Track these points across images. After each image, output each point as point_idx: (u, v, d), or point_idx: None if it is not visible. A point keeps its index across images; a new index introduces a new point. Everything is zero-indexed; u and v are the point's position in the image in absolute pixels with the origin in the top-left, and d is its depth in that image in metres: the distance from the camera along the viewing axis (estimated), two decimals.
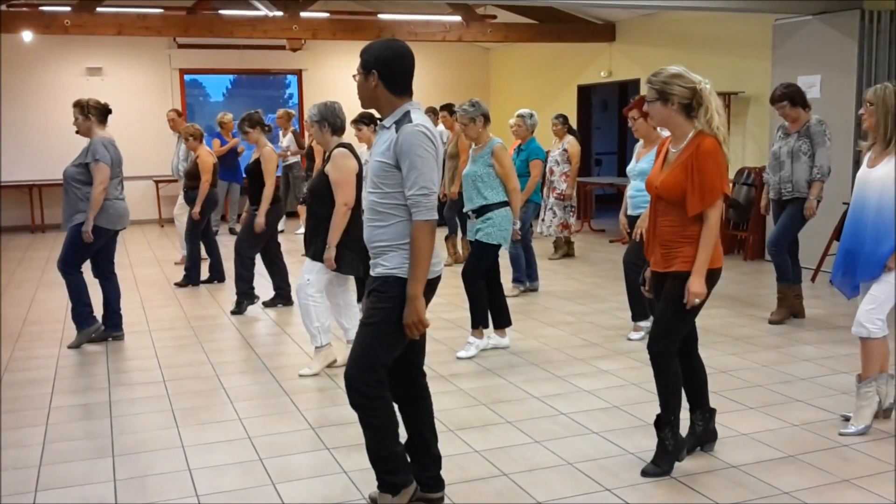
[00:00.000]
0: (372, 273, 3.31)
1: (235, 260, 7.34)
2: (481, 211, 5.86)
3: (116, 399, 5.11)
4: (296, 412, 4.81)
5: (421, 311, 3.16)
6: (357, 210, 5.26)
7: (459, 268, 6.32)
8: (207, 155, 8.79)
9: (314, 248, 5.40)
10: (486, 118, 5.97)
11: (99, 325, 6.38)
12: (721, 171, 3.66)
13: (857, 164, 8.43)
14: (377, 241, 3.25)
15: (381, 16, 12.32)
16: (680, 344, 3.91)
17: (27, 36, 11.87)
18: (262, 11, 11.53)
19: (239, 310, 7.33)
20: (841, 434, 4.31)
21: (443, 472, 3.55)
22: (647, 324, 6.23)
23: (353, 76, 3.32)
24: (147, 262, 10.18)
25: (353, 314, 5.66)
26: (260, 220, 7.10)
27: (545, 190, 9.82)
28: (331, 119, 5.43)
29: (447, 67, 15.64)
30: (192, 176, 8.71)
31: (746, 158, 10.21)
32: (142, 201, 13.86)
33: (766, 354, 5.86)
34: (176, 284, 8.64)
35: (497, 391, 5.16)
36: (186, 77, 14.74)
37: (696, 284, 3.66)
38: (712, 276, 3.75)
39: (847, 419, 4.44)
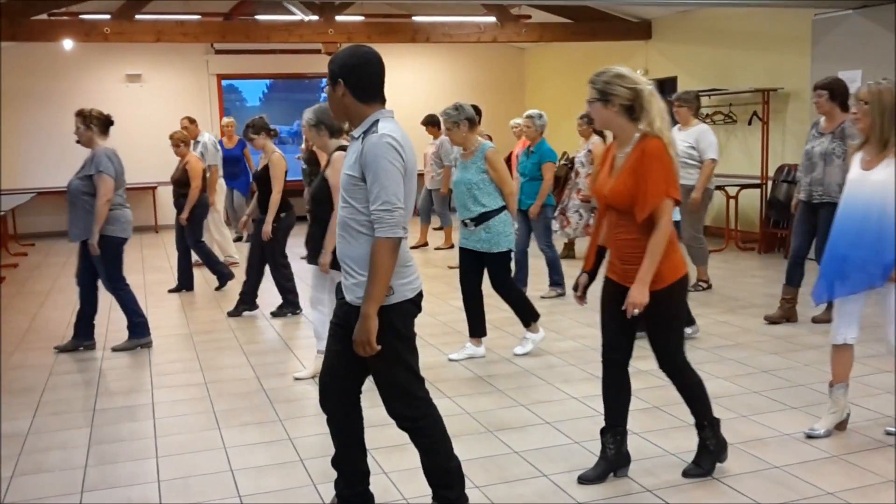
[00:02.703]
0: (346, 297, 3.17)
1: (271, 272, 7.34)
2: (480, 219, 5.69)
3: (159, 401, 5.18)
4: None
5: (372, 332, 2.99)
6: None
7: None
8: (196, 161, 8.78)
9: (317, 254, 5.33)
10: (472, 122, 5.76)
11: (150, 340, 6.45)
12: (666, 173, 3.50)
13: None
14: (346, 260, 3.13)
15: (415, 18, 12.36)
16: (617, 355, 3.83)
17: (68, 44, 12.08)
18: (298, 16, 11.63)
19: (281, 314, 7.40)
20: (888, 433, 4.24)
21: (483, 473, 3.54)
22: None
23: (324, 88, 3.23)
24: (168, 269, 10.28)
25: None
26: (266, 228, 6.98)
27: (567, 191, 9.74)
28: (328, 121, 5.29)
29: (482, 68, 15.63)
30: (181, 182, 8.64)
31: (786, 155, 10.07)
32: (168, 207, 13.97)
33: (807, 354, 5.78)
34: (216, 289, 8.72)
35: (535, 392, 5.15)
36: (224, 82, 14.91)
37: (638, 294, 3.51)
38: (680, 287, 3.63)
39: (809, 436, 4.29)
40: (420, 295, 3.22)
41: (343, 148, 5.30)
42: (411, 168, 3.08)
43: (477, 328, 5.99)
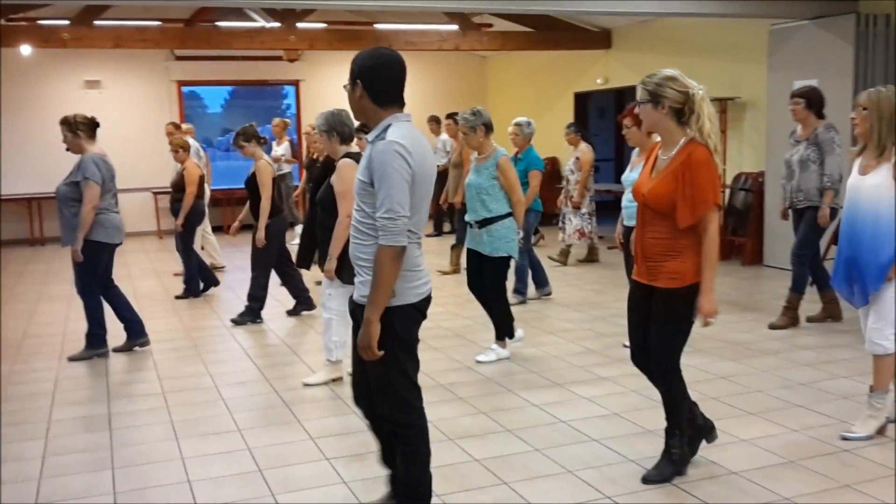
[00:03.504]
0: (354, 295, 3.23)
1: (251, 279, 7.35)
2: (485, 223, 5.82)
3: (116, 411, 5.10)
4: (296, 423, 4.81)
5: (373, 337, 3.01)
6: None
7: (460, 276, 6.32)
8: (194, 167, 8.77)
9: (324, 260, 5.37)
10: (488, 127, 5.92)
11: (107, 350, 6.37)
12: (713, 181, 3.57)
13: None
14: (357, 260, 3.15)
15: (377, 26, 12.35)
16: (646, 358, 3.85)
17: (26, 50, 11.90)
18: (259, 23, 11.57)
19: (241, 321, 7.34)
20: (843, 437, 4.30)
21: (443, 482, 3.54)
22: None
23: (344, 86, 3.22)
24: (146, 275, 10.18)
25: None
26: (259, 234, 7.07)
27: (562, 198, 9.93)
28: (339, 128, 5.35)
29: (444, 76, 15.66)
30: (179, 188, 8.68)
31: (744, 164, 10.22)
32: (140, 213, 13.88)
33: (765, 360, 5.85)
34: (176, 297, 8.63)
35: (496, 399, 5.15)
36: (184, 89, 14.76)
37: (706, 303, 3.60)
38: (698, 291, 3.68)
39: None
40: (425, 301, 3.21)
41: (350, 155, 5.33)
42: (422, 174, 3.05)
43: (504, 330, 6.08)
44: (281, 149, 12.12)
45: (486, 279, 5.93)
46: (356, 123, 5.55)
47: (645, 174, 3.79)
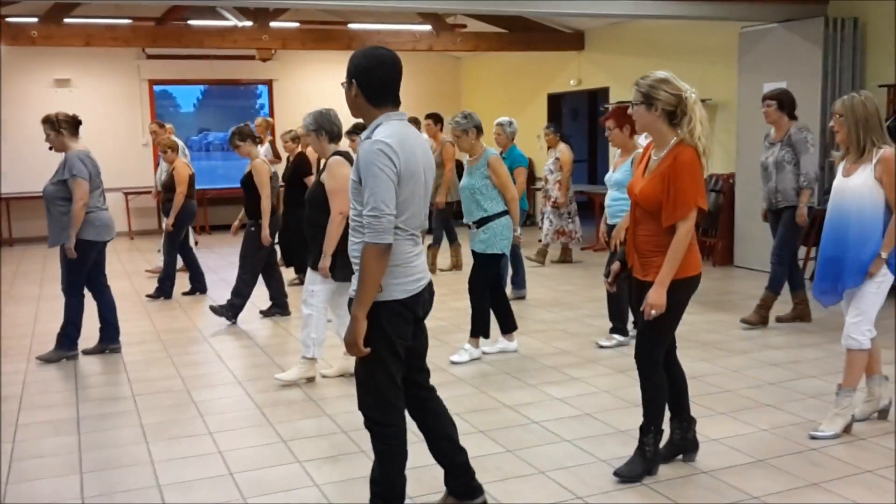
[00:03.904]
0: (350, 293, 3.23)
1: (238, 276, 7.32)
2: (481, 222, 5.90)
3: (85, 415, 5.04)
4: (267, 426, 4.78)
5: (359, 334, 3.04)
6: None
7: (435, 276, 6.32)
8: (183, 166, 8.72)
9: (315, 258, 5.36)
10: (479, 130, 6.03)
11: (77, 353, 6.31)
12: (696, 184, 3.63)
13: (823, 170, 8.57)
14: (353, 257, 3.18)
15: (350, 25, 12.32)
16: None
17: None
18: (232, 22, 11.50)
19: (219, 312, 7.30)
20: (812, 437, 4.35)
21: (416, 483, 3.53)
22: (621, 338, 6.28)
23: (341, 84, 3.25)
24: (117, 275, 10.05)
25: None
26: (265, 233, 7.07)
27: (542, 198, 10.01)
28: (327, 127, 5.35)
29: (418, 77, 15.62)
30: (169, 188, 8.65)
31: (714, 165, 10.30)
32: (111, 213, 13.69)
33: (735, 359, 5.91)
34: (147, 296, 8.57)
35: (469, 400, 5.16)
36: (156, 88, 14.64)
37: (654, 296, 3.64)
38: (691, 284, 3.75)
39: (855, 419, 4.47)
40: (415, 299, 3.20)
41: (340, 153, 5.33)
42: (410, 171, 3.07)
43: (507, 324, 6.19)
44: (262, 149, 12.00)
45: (471, 275, 6.00)
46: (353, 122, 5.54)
47: (638, 174, 3.88)
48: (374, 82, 3.14)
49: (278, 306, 7.63)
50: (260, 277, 7.50)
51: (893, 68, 8.28)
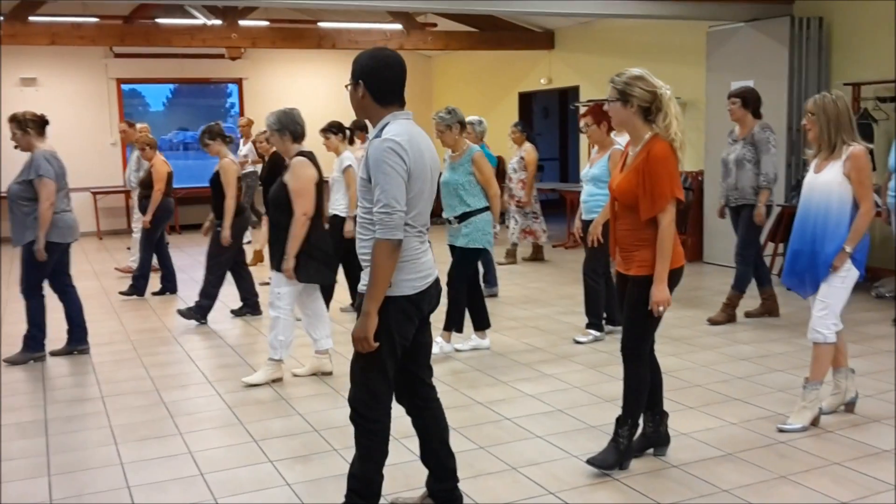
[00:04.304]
0: (359, 289, 3.26)
1: (204, 276, 7.26)
2: (463, 217, 5.92)
3: (53, 417, 4.98)
4: (238, 425, 4.75)
5: (369, 329, 3.09)
6: (317, 219, 5.24)
7: None
8: (162, 164, 8.60)
9: (278, 260, 5.32)
10: (462, 125, 6.05)
11: (44, 354, 6.23)
12: (672, 175, 3.69)
13: (789, 167, 8.67)
14: (362, 256, 3.21)
15: (320, 24, 12.27)
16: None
17: None
18: (200, 20, 11.41)
19: (188, 315, 7.24)
20: (780, 430, 4.41)
21: (388, 481, 3.53)
22: (597, 334, 6.33)
23: (346, 86, 3.28)
24: (86, 276, 9.95)
25: (324, 324, 5.63)
26: (226, 233, 6.99)
27: (506, 198, 9.95)
28: (291, 127, 5.32)
29: None
30: (147, 185, 8.56)
31: (684, 163, 10.36)
32: (79, 213, 13.37)
33: (704, 354, 5.97)
34: (121, 293, 8.49)
35: (441, 398, 5.13)
36: (124, 87, 14.49)
37: (657, 292, 3.70)
38: (675, 276, 3.81)
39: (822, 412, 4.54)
40: (421, 295, 3.24)
41: (304, 154, 5.30)
42: (419, 169, 3.12)
43: (480, 321, 6.24)
44: (245, 148, 11.89)
45: (450, 269, 6.02)
46: (353, 124, 5.50)
47: (617, 170, 3.95)
48: (382, 82, 3.19)
49: (249, 306, 7.59)
50: (231, 277, 7.46)
51: (858, 67, 8.41)
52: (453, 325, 6.07)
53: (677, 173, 3.75)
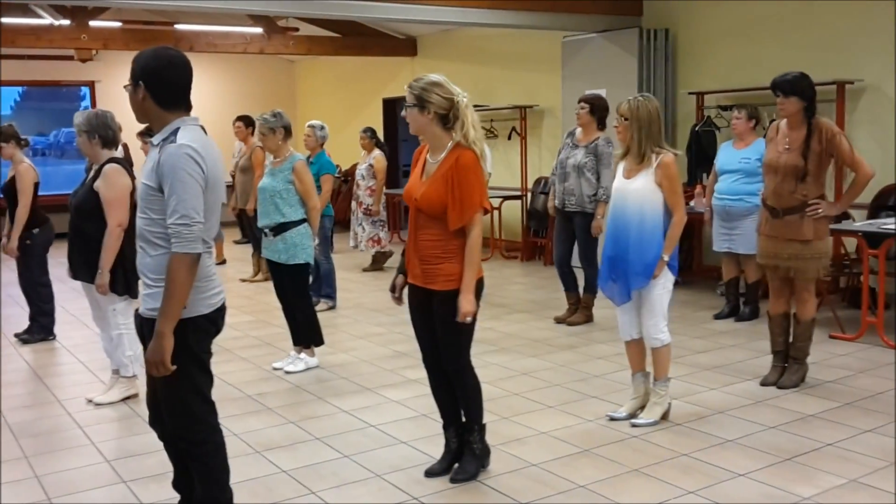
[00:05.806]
0: (140, 311, 3.06)
1: (32, 295, 6.80)
2: (279, 229, 5.68)
3: None
4: (89, 445, 4.55)
5: (166, 351, 2.85)
6: (131, 230, 5.04)
7: (268, 283, 6.19)
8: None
9: (86, 272, 5.00)
10: (287, 131, 5.83)
11: None
12: (480, 185, 3.67)
13: None
14: (145, 272, 3.00)
15: (177, 26, 11.90)
16: (434, 358, 3.90)
17: None
18: (47, 20, 10.85)
19: (28, 338, 6.83)
20: (633, 425, 4.59)
21: (249, 496, 3.46)
22: None
23: (125, 87, 3.02)
24: None
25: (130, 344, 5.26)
26: (11, 244, 6.41)
27: (353, 204, 9.84)
28: (101, 131, 5.00)
29: (251, 80, 15.33)
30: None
31: (543, 168, 10.68)
32: None
33: (563, 355, 6.15)
34: None
35: (306, 407, 5.11)
36: None
37: (465, 303, 3.64)
38: (479, 286, 3.77)
39: (612, 419, 4.69)
40: (219, 311, 3.08)
41: (115, 160, 5.02)
42: (214, 179, 2.95)
43: (309, 338, 5.98)
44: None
45: (286, 288, 5.84)
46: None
47: (415, 178, 3.83)
48: (166, 85, 2.95)
49: (42, 329, 6.97)
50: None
51: (701, 77, 8.88)
52: (312, 340, 5.93)
53: (484, 182, 3.72)
